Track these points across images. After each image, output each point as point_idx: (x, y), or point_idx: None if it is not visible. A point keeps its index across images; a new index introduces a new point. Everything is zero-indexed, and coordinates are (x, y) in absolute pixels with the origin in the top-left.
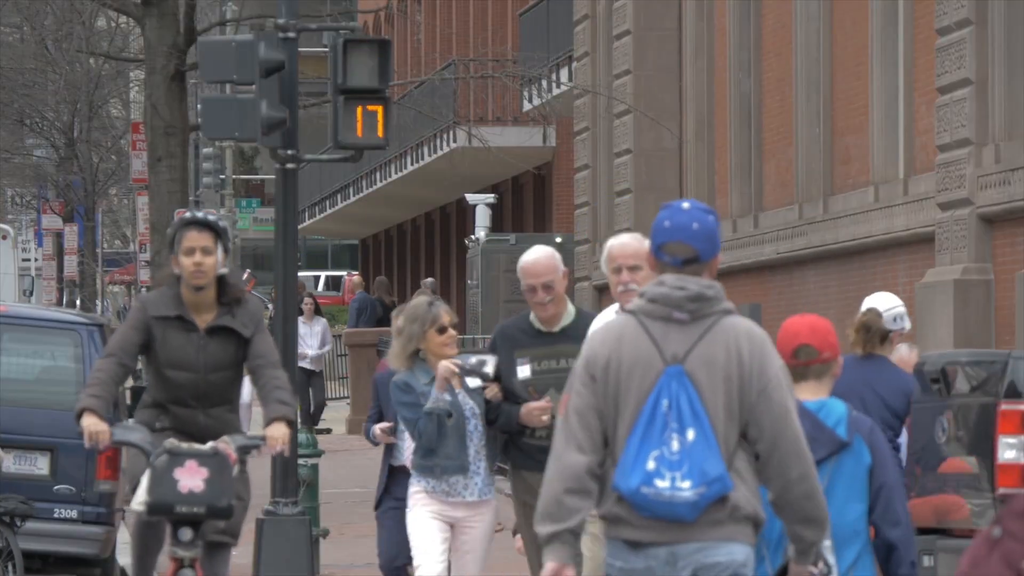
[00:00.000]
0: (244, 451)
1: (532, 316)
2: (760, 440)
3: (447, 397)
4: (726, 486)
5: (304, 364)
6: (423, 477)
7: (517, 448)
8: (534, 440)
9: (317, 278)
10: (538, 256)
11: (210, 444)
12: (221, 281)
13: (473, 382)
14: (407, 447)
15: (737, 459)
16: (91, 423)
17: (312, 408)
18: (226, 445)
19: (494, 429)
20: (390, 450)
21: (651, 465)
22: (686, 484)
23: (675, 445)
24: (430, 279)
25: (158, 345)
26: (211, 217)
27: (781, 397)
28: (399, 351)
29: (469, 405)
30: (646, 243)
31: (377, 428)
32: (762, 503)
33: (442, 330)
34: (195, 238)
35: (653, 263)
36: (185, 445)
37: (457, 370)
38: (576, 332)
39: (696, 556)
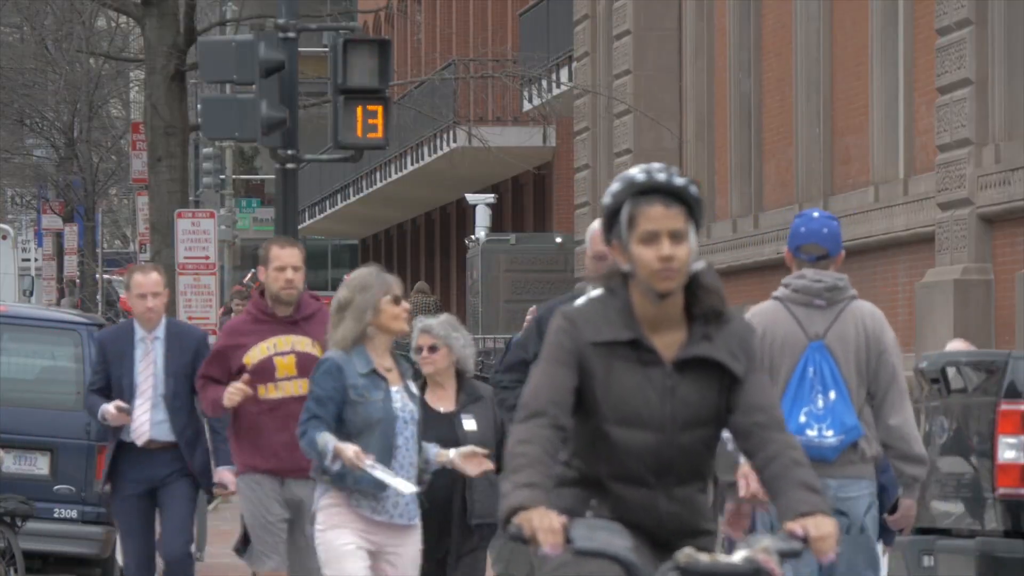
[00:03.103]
0: (784, 559)
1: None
2: (876, 394)
3: (336, 468)
4: (860, 433)
5: None
6: (336, 487)
7: None
8: None
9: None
10: None
11: (742, 555)
12: (692, 283)
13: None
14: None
15: (864, 412)
16: (537, 516)
17: None
18: (765, 555)
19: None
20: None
21: (802, 419)
22: (830, 433)
23: (820, 403)
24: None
25: (598, 387)
26: (679, 181)
27: (893, 361)
28: (350, 328)
29: (409, 408)
30: None
31: (112, 407)
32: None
33: (396, 300)
34: (659, 216)
35: (791, 260)
36: (705, 557)
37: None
38: None
39: (835, 490)
